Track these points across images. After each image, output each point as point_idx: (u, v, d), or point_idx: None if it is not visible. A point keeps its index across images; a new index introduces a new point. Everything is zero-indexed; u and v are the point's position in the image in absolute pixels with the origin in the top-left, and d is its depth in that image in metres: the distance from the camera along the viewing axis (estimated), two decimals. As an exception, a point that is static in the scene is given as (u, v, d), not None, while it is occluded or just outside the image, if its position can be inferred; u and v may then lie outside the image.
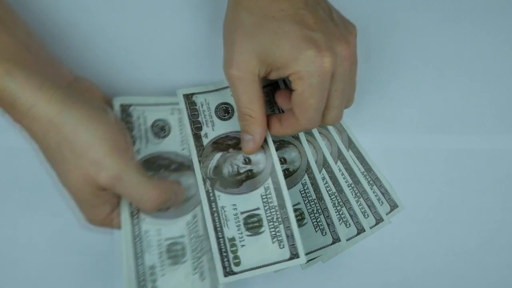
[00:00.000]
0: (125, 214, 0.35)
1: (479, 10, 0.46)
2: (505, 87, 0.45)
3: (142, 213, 0.35)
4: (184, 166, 0.37)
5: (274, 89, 0.42)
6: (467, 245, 0.43)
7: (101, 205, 0.33)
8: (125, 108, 0.37)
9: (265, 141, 0.39)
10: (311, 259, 0.41)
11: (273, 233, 0.36)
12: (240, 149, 0.39)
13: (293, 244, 0.36)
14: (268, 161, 0.38)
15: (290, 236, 0.36)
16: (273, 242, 0.36)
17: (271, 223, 0.37)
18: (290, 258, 0.36)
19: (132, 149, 0.33)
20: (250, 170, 0.38)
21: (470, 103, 0.45)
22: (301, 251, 0.36)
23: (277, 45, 0.32)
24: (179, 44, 0.43)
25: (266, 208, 0.37)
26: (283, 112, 0.40)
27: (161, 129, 0.38)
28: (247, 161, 0.38)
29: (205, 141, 0.39)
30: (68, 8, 0.42)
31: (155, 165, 0.37)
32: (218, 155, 0.39)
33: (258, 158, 0.38)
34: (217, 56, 0.42)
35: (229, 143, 0.39)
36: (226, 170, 0.38)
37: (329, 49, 0.32)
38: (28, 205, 0.40)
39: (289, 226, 0.36)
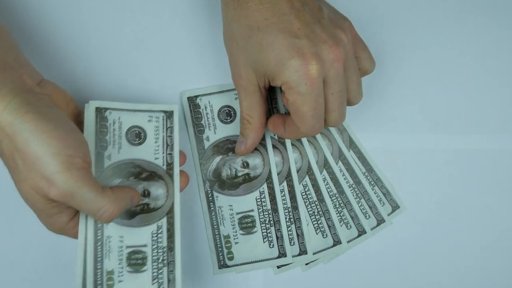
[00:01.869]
0: (82, 223, 0.34)
1: (482, 8, 0.45)
2: (508, 87, 0.45)
3: None
4: (155, 175, 0.37)
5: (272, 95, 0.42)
6: (469, 246, 0.43)
7: (57, 215, 0.33)
8: (100, 112, 0.36)
9: (265, 148, 0.41)
10: (312, 261, 0.41)
11: (265, 233, 0.40)
12: None
13: (282, 245, 0.40)
14: (266, 167, 0.40)
15: (279, 238, 0.40)
16: (264, 242, 0.40)
17: (263, 224, 0.40)
18: (279, 257, 0.40)
19: (88, 162, 0.32)
20: (248, 174, 0.40)
21: (472, 102, 0.44)
22: (288, 251, 0.40)
23: (263, 57, 0.32)
24: (161, 52, 0.42)
25: (259, 210, 0.40)
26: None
27: (136, 136, 0.37)
28: (245, 165, 0.40)
29: (207, 144, 0.41)
30: (56, 8, 0.42)
31: (125, 172, 0.36)
32: (218, 158, 0.41)
33: (255, 163, 0.40)
34: (203, 63, 0.42)
35: (229, 147, 0.41)
36: (225, 172, 0.41)
37: (314, 56, 0.31)
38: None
39: (279, 229, 0.40)
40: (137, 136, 0.37)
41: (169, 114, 0.38)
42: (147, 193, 0.36)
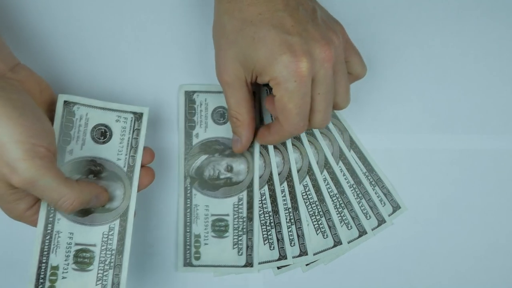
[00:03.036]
0: (42, 213, 0.34)
1: (483, 7, 0.45)
2: (510, 86, 0.44)
3: (58, 213, 0.35)
4: (115, 176, 0.36)
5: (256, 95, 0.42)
6: (471, 247, 0.42)
7: (16, 202, 0.33)
8: (68, 105, 0.36)
9: (252, 156, 0.41)
10: (312, 262, 0.41)
11: (235, 240, 0.40)
12: (225, 155, 0.41)
13: (250, 254, 0.40)
14: (249, 175, 0.40)
15: (249, 247, 0.40)
16: (234, 248, 0.40)
17: (236, 231, 0.40)
18: (245, 266, 0.40)
19: (53, 151, 0.32)
20: (230, 178, 0.40)
21: (474, 102, 0.44)
22: (255, 261, 0.40)
23: (254, 51, 0.32)
24: (161, 46, 0.43)
25: (235, 216, 0.40)
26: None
27: (101, 134, 0.37)
28: (229, 169, 0.41)
29: (195, 141, 0.41)
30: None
31: (85, 169, 0.36)
32: (203, 157, 0.41)
33: (240, 169, 0.41)
34: (188, 60, 0.42)
35: (216, 148, 0.41)
36: (208, 172, 0.41)
37: (305, 53, 0.31)
38: None
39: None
40: (102, 134, 0.37)
41: (138, 116, 0.37)
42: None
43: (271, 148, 0.41)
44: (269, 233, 0.40)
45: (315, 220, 0.41)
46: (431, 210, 0.43)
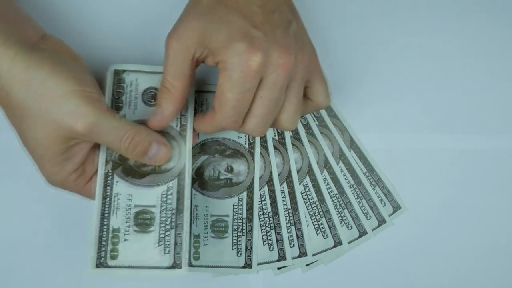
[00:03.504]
0: (100, 176, 0.35)
1: (483, 8, 0.45)
2: (509, 86, 0.44)
3: (116, 176, 0.35)
4: (168, 136, 0.36)
5: None
6: (471, 247, 0.42)
7: (63, 163, 0.33)
8: (118, 73, 0.37)
9: (253, 157, 0.41)
10: (312, 262, 0.41)
11: (235, 241, 0.40)
12: (226, 156, 0.41)
13: (249, 255, 0.40)
14: (249, 176, 0.41)
15: (249, 248, 0.40)
16: (233, 249, 0.40)
17: (235, 232, 0.40)
18: (243, 267, 0.40)
19: (103, 99, 0.34)
20: (230, 179, 0.41)
21: (474, 102, 0.44)
22: (254, 262, 0.40)
23: (216, 29, 0.32)
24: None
25: (234, 217, 0.40)
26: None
27: (152, 97, 0.37)
28: (229, 170, 0.41)
29: (195, 141, 0.40)
30: None
31: None
32: (204, 157, 0.41)
33: (240, 170, 0.41)
34: None
35: (217, 148, 0.41)
36: (208, 173, 0.41)
37: (262, 50, 0.31)
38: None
39: (250, 239, 0.40)
40: (153, 97, 0.37)
41: None
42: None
43: (271, 148, 0.41)
44: (268, 234, 0.40)
45: (315, 220, 0.41)
46: (431, 210, 0.43)
